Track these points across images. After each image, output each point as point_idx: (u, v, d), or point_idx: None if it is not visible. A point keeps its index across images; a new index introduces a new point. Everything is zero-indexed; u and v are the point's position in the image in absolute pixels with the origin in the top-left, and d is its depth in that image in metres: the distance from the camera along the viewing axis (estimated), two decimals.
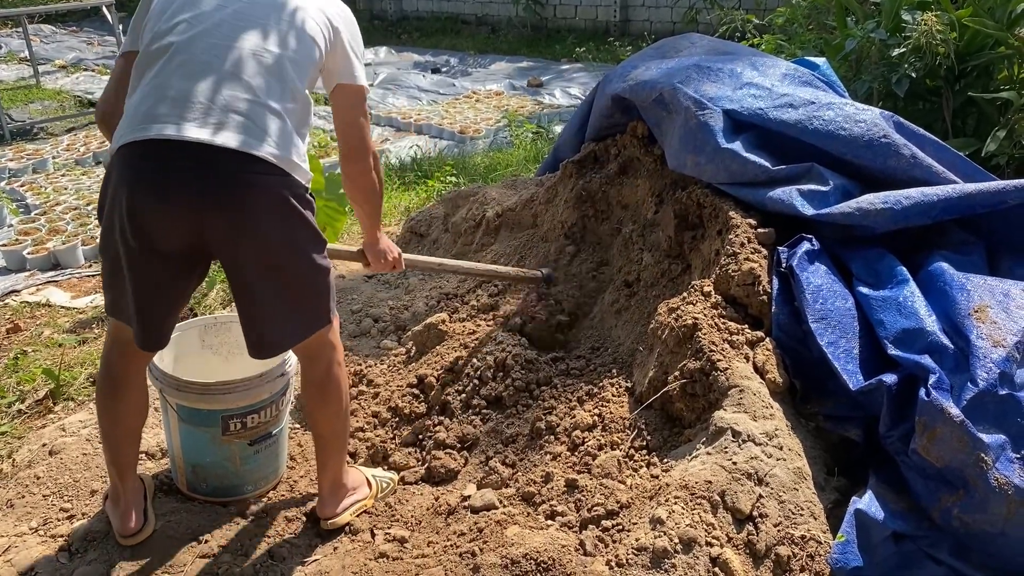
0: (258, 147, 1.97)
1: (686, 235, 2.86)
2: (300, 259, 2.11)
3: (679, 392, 2.37)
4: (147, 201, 1.98)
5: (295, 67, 2.07)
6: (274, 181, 2.02)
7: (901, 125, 2.68)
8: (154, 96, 1.99)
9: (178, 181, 1.96)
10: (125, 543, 2.33)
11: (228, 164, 1.96)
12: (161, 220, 2.00)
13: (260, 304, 2.12)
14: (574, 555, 2.05)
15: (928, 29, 3.78)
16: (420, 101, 9.26)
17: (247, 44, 2.04)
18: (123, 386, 2.30)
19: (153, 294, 2.12)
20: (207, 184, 1.96)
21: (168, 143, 1.94)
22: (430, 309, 3.46)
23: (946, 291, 2.31)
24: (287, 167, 2.03)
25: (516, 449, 2.62)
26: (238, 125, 1.97)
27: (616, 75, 3.31)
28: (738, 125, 2.75)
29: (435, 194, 5.53)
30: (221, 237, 2.03)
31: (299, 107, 2.09)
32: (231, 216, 1.99)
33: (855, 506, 2.09)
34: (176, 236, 2.03)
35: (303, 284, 2.15)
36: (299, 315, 2.17)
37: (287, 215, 2.06)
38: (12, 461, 2.83)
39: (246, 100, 1.99)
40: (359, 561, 2.25)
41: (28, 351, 3.76)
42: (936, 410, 2.02)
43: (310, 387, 2.32)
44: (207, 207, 1.98)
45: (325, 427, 2.36)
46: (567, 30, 12.79)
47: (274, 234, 2.04)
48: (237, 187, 1.98)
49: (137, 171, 1.98)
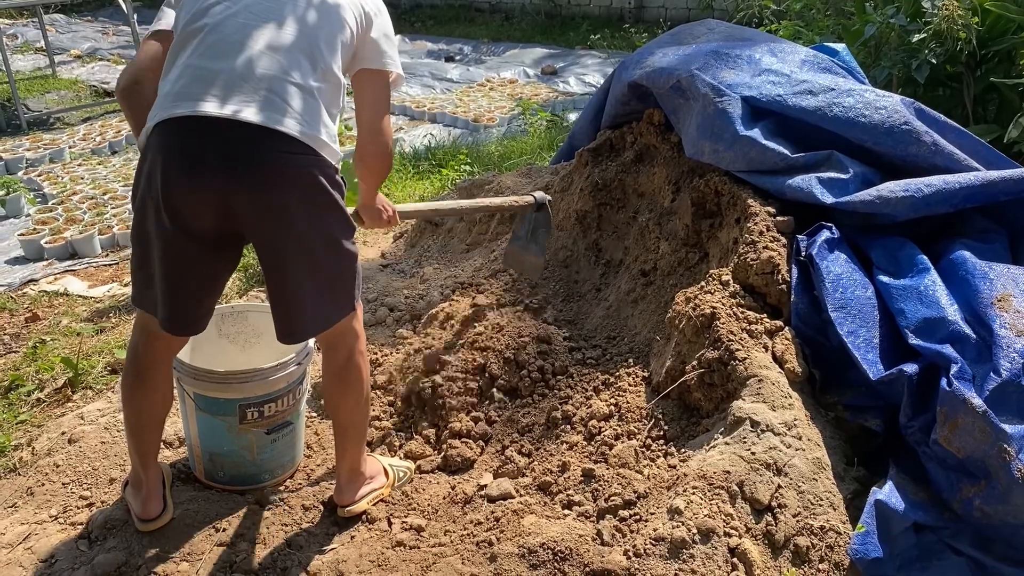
0: (283, 123, 1.97)
1: (704, 223, 2.84)
2: (329, 243, 2.10)
3: (697, 382, 2.36)
4: (179, 180, 1.98)
5: (326, 46, 2.07)
6: (301, 160, 2.01)
7: (922, 112, 2.64)
8: (186, 76, 2.00)
9: (205, 158, 1.96)
10: (144, 528, 2.34)
11: (253, 141, 1.95)
12: (192, 199, 1.99)
13: (291, 287, 2.11)
14: (591, 545, 2.04)
15: (949, 14, 3.73)
16: (434, 90, 9.23)
17: (278, 24, 2.05)
18: (149, 377, 2.30)
19: (184, 277, 2.12)
20: (233, 161, 1.96)
21: (197, 120, 1.94)
22: (445, 298, 3.46)
23: (968, 280, 2.28)
24: (315, 145, 2.02)
25: (532, 438, 2.62)
26: (264, 101, 1.96)
27: (632, 62, 3.29)
28: (757, 112, 2.73)
29: (449, 183, 5.52)
30: (250, 217, 2.02)
31: (329, 87, 2.09)
32: (258, 195, 1.99)
33: (875, 497, 2.07)
34: (207, 216, 2.02)
35: (332, 269, 2.14)
36: (327, 300, 2.16)
37: (316, 196, 2.05)
38: (32, 449, 2.85)
39: (274, 77, 1.99)
40: (376, 550, 2.26)
41: (47, 340, 3.79)
42: (958, 400, 2.00)
43: (331, 375, 2.32)
44: (234, 185, 1.97)
45: (345, 416, 2.36)
46: (581, 17, 12.71)
47: (302, 215, 2.03)
48: (263, 164, 1.97)
49: (168, 150, 1.99)
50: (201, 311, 2.22)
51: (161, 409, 2.36)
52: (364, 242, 4.74)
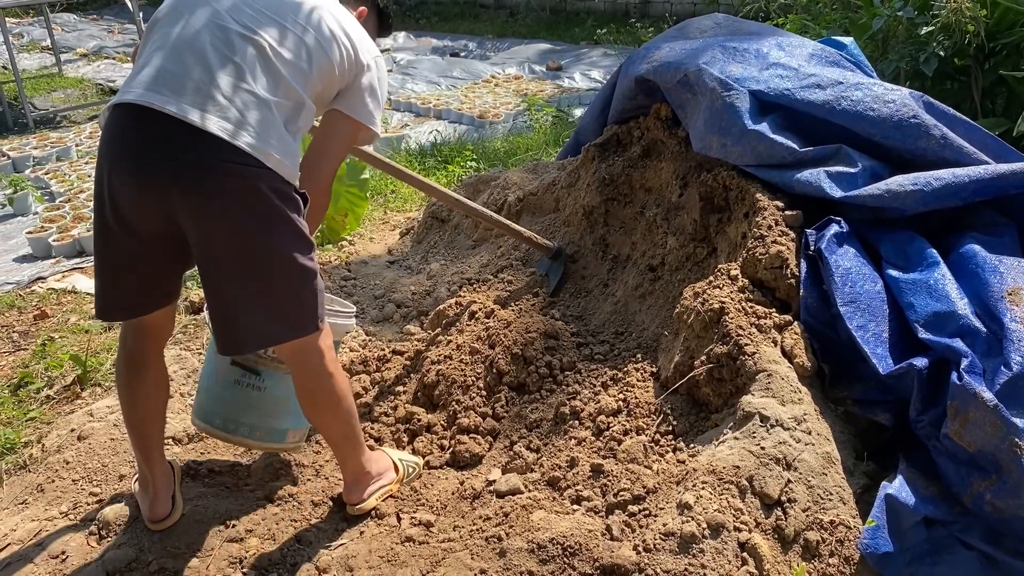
0: (233, 133, 1.92)
1: (712, 218, 2.83)
2: (276, 258, 2.03)
3: (706, 377, 2.35)
4: (123, 171, 1.97)
5: (295, 68, 2.04)
6: (249, 172, 1.94)
7: (931, 105, 2.63)
8: (155, 63, 1.98)
9: (149, 153, 1.93)
10: (153, 528, 2.35)
11: (201, 147, 1.91)
12: (133, 195, 1.97)
13: (224, 297, 2.05)
14: (601, 540, 2.04)
15: (957, 7, 3.71)
16: (439, 86, 9.23)
17: (254, 32, 2.01)
18: (140, 367, 2.29)
19: (120, 274, 2.12)
20: (175, 162, 1.92)
21: (148, 112, 1.91)
22: (452, 294, 3.46)
23: (978, 273, 2.27)
24: (263, 158, 1.95)
25: (541, 434, 2.62)
26: (221, 109, 1.92)
27: (639, 56, 3.28)
28: (765, 106, 2.72)
29: (455, 179, 5.51)
30: (187, 223, 1.98)
31: (292, 104, 2.05)
32: (197, 201, 1.94)
33: (885, 491, 2.07)
34: (146, 213, 1.99)
35: (280, 285, 2.06)
36: (272, 315, 2.08)
37: (262, 210, 1.98)
38: (42, 446, 2.86)
39: (236, 86, 1.95)
40: (385, 545, 2.26)
41: (55, 337, 3.80)
42: (969, 394, 1.99)
43: (301, 395, 2.26)
44: (176, 188, 1.93)
45: (329, 431, 2.35)
46: (586, 12, 12.69)
47: (245, 228, 1.97)
48: (206, 172, 1.92)
49: (117, 136, 1.98)
50: (140, 301, 2.18)
51: (157, 401, 2.34)
52: (371, 239, 4.74)
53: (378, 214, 5.24)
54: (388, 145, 6.68)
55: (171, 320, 2.35)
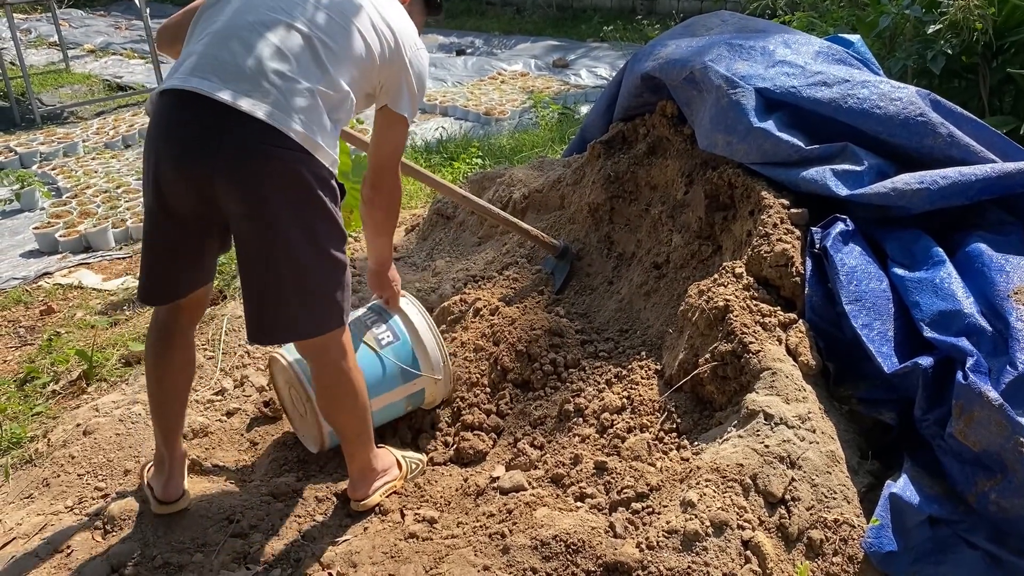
0: (281, 120, 1.94)
1: (717, 216, 2.83)
2: (311, 244, 2.05)
3: (710, 375, 2.35)
4: (167, 156, 1.99)
5: (336, 59, 2.06)
6: (292, 157, 1.97)
7: (938, 103, 2.62)
8: (201, 50, 2.00)
9: (194, 138, 1.95)
10: (160, 511, 2.37)
11: (246, 131, 1.93)
12: (178, 179, 2.00)
13: (261, 282, 2.07)
14: (604, 537, 2.04)
15: (965, 4, 3.69)
16: (445, 83, 9.23)
17: (302, 22, 2.04)
18: (169, 343, 2.32)
19: (161, 255, 2.15)
20: (221, 148, 1.94)
21: (199, 99, 1.93)
22: (457, 291, 3.46)
23: (984, 272, 2.26)
24: (308, 145, 1.98)
25: (544, 431, 2.62)
26: (267, 95, 1.95)
27: (645, 54, 3.27)
28: (771, 104, 2.71)
29: (461, 176, 5.51)
30: (230, 206, 2.00)
31: (336, 95, 2.07)
32: (242, 187, 1.97)
33: (890, 490, 2.06)
34: (189, 198, 2.02)
35: (312, 273, 2.08)
36: (304, 307, 2.10)
37: (304, 198, 2.01)
38: (47, 441, 2.87)
39: (282, 73, 1.98)
40: (389, 541, 2.26)
41: (61, 332, 3.81)
42: (974, 393, 1.98)
43: (321, 390, 2.28)
44: (219, 172, 1.95)
45: (343, 426, 2.36)
46: (593, 9, 12.67)
47: (283, 211, 1.99)
48: (251, 157, 1.94)
49: (164, 122, 2.00)
50: (178, 286, 2.22)
51: (182, 378, 2.38)
52: None
53: None
54: None
55: (206, 297, 2.38)
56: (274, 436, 2.84)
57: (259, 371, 3.22)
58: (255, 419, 2.94)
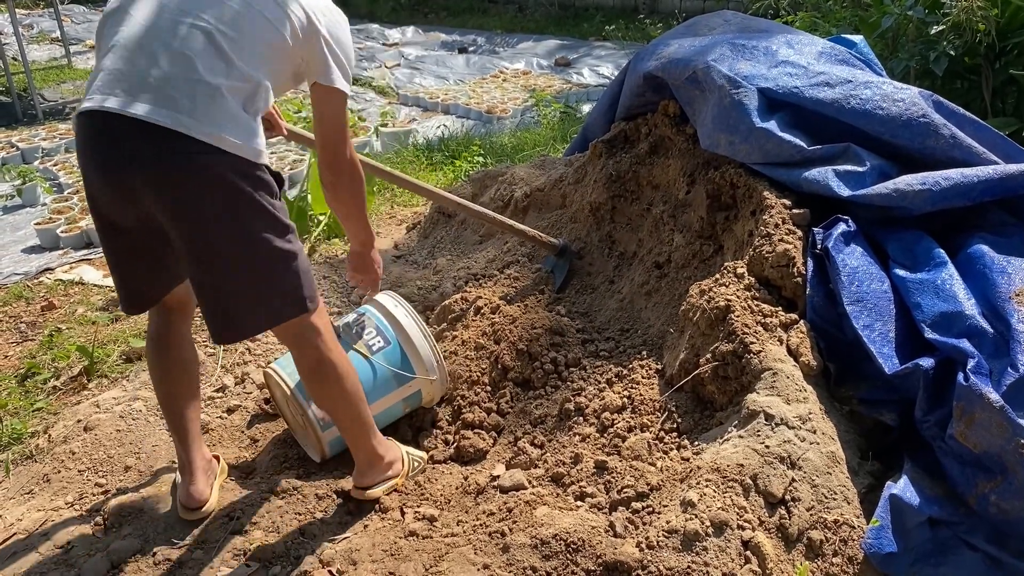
0: (190, 125, 1.90)
1: (719, 216, 2.82)
2: (248, 241, 2.02)
3: (711, 375, 2.35)
4: (94, 176, 2.00)
5: (242, 50, 1.99)
6: (208, 160, 1.93)
7: (940, 104, 2.61)
8: (108, 65, 1.98)
9: (113, 156, 1.94)
10: (185, 516, 2.37)
11: (157, 141, 1.90)
12: (106, 194, 2.00)
13: (212, 291, 2.06)
14: (604, 536, 2.04)
15: (968, 6, 3.69)
16: (447, 81, 9.22)
17: (201, 19, 1.97)
18: (164, 344, 2.33)
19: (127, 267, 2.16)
20: (135, 161, 1.92)
21: (109, 116, 1.92)
22: (458, 289, 3.46)
23: (986, 274, 2.26)
24: (224, 145, 1.94)
25: (545, 430, 2.62)
26: (172, 102, 1.90)
27: (648, 53, 3.27)
28: (773, 104, 2.71)
29: (463, 174, 5.51)
30: (159, 216, 1.99)
31: (246, 86, 2.00)
32: (163, 196, 1.94)
33: (890, 491, 2.06)
34: (125, 210, 2.02)
35: (257, 272, 2.05)
36: (258, 303, 2.08)
37: (226, 197, 1.97)
38: (48, 436, 2.87)
39: (186, 77, 1.92)
40: (389, 539, 2.27)
41: (62, 328, 3.81)
42: (975, 395, 1.98)
43: (304, 375, 2.27)
44: (139, 185, 1.94)
45: (337, 413, 2.34)
46: (595, 8, 12.66)
47: (211, 216, 1.96)
48: (166, 166, 1.91)
49: (83, 144, 2.00)
50: (152, 290, 2.23)
51: (184, 378, 2.37)
52: (377, 233, 4.74)
53: (385, 208, 5.25)
54: (396, 140, 6.68)
55: (189, 294, 2.34)
56: (275, 433, 2.84)
57: (260, 368, 3.23)
58: (256, 416, 2.94)
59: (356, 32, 12.07)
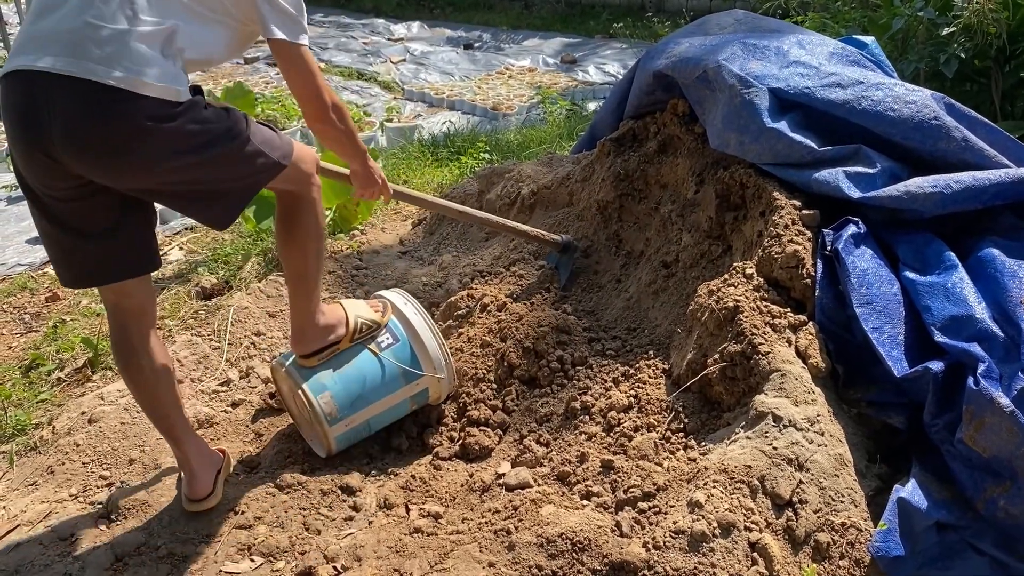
0: (103, 72, 1.85)
1: (727, 216, 2.81)
2: (204, 167, 2.03)
3: (718, 375, 2.34)
4: (17, 144, 1.96)
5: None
6: (130, 107, 1.88)
7: (952, 107, 2.60)
8: (25, 28, 1.95)
9: (32, 116, 1.90)
10: (191, 508, 2.36)
11: (73, 93, 1.86)
12: (32, 162, 1.96)
13: (195, 212, 2.17)
14: (610, 536, 2.03)
15: (980, 8, 3.67)
16: (452, 77, 9.20)
17: None
18: (129, 355, 2.26)
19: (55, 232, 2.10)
20: (53, 117, 1.87)
21: (24, 76, 1.88)
22: (464, 286, 3.45)
23: (997, 278, 2.25)
24: (136, 88, 1.88)
25: (551, 428, 2.61)
26: (82, 51, 1.86)
27: (657, 51, 3.25)
28: (784, 104, 2.69)
29: (468, 171, 5.50)
30: (98, 177, 1.96)
31: (156, 30, 1.93)
32: (90, 150, 1.91)
33: (898, 494, 2.06)
34: (53, 179, 1.97)
35: (208, 175, 2.06)
36: (245, 190, 2.14)
37: (145, 138, 1.92)
38: (52, 428, 2.87)
39: (92, 25, 1.88)
40: (394, 536, 2.26)
41: (67, 320, 3.81)
42: (985, 399, 1.97)
43: (278, 222, 2.33)
44: (62, 142, 1.89)
45: (292, 265, 2.38)
46: (602, 6, 12.63)
47: (138, 160, 1.94)
48: (86, 117, 1.87)
49: (5, 110, 1.95)
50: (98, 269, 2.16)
51: (159, 385, 2.30)
52: (383, 228, 4.74)
53: (390, 204, 5.23)
54: (401, 135, 6.67)
55: (150, 301, 2.30)
56: (279, 428, 2.84)
57: (264, 362, 3.22)
58: (260, 410, 2.94)
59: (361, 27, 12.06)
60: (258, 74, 9.16)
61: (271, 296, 3.61)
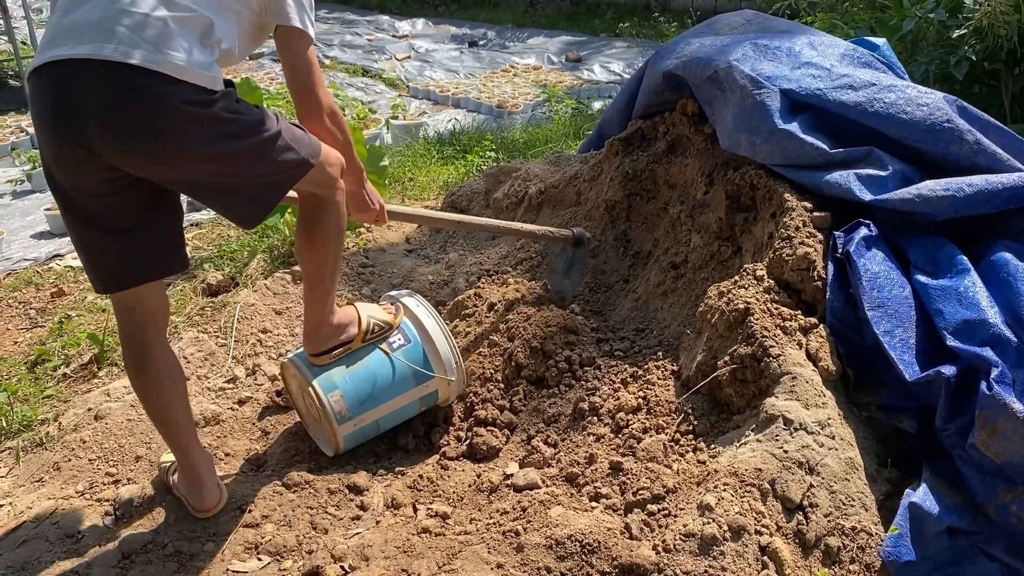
0: (141, 56, 1.84)
1: (738, 217, 2.80)
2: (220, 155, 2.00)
3: (729, 377, 2.33)
4: (49, 138, 1.94)
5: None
6: (164, 91, 1.87)
7: (964, 109, 2.59)
8: (54, 21, 1.94)
9: (67, 106, 1.88)
10: (201, 516, 2.34)
11: (107, 79, 1.84)
12: (64, 157, 1.94)
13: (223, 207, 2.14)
14: (620, 538, 2.02)
15: (991, 10, 3.65)
16: (457, 74, 9.19)
17: None
18: (143, 358, 2.23)
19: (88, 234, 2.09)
20: (89, 105, 1.86)
21: (57, 66, 1.87)
22: (471, 285, 3.44)
23: (1010, 282, 2.24)
24: (167, 70, 1.86)
25: (559, 429, 2.60)
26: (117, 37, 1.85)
27: (667, 51, 3.24)
28: (795, 105, 2.68)
29: (474, 169, 5.49)
30: (130, 167, 1.95)
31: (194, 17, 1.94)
32: (125, 137, 1.89)
33: (909, 499, 2.05)
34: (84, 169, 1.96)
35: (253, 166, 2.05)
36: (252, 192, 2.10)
37: (179, 123, 1.91)
38: (58, 424, 2.86)
39: (127, 11, 1.87)
40: (402, 535, 2.25)
41: (72, 315, 3.80)
42: (998, 405, 1.96)
43: (299, 222, 2.32)
44: (98, 132, 1.87)
45: (310, 268, 2.37)
46: (607, 5, 12.62)
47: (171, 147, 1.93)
48: (122, 103, 1.86)
49: (38, 104, 1.94)
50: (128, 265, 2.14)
51: (171, 390, 2.28)
52: (389, 226, 4.72)
53: (396, 202, 5.22)
54: (406, 132, 6.66)
55: (163, 302, 2.29)
56: (286, 425, 2.83)
57: (271, 360, 3.21)
58: (267, 408, 2.93)
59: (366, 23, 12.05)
60: (263, 70, 9.16)
61: (277, 293, 3.61)
